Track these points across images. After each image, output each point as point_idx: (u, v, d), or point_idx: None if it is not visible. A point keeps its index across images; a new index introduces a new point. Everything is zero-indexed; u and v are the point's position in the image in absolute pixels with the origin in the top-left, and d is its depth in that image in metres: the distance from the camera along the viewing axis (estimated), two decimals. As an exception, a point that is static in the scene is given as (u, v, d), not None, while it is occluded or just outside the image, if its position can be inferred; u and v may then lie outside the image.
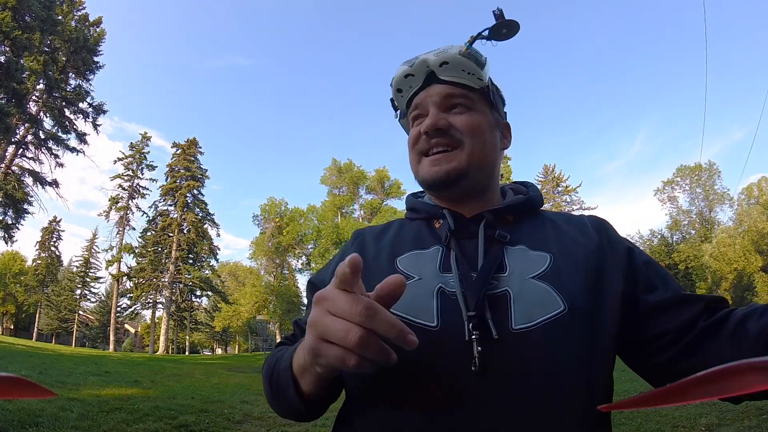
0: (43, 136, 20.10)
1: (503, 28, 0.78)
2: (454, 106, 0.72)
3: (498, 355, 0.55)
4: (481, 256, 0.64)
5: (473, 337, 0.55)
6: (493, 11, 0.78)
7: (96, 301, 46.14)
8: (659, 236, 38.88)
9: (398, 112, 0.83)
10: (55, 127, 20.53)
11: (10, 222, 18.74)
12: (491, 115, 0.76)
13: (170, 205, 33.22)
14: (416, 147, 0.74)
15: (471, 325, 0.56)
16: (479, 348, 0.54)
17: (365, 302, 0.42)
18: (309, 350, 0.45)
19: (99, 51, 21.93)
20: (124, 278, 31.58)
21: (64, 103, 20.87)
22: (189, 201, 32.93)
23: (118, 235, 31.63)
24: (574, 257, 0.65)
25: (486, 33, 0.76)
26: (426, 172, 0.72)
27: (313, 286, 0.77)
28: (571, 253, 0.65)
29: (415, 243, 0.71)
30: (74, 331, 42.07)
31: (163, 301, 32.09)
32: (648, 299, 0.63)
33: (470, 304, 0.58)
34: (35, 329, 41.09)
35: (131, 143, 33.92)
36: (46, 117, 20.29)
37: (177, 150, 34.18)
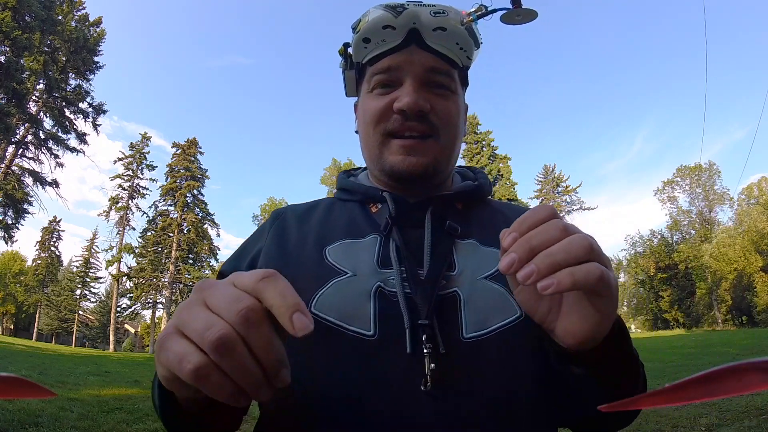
0: (43, 136, 20.08)
1: (517, 15, 0.68)
2: (434, 84, 0.61)
3: (447, 370, 0.47)
4: (427, 249, 0.55)
5: (426, 352, 0.46)
6: None
7: (96, 301, 46.14)
8: (659, 236, 38.90)
9: (348, 61, 0.67)
10: (55, 127, 20.51)
11: (10, 222, 18.73)
12: (463, 99, 0.67)
13: (170, 205, 33.18)
14: (383, 125, 0.60)
15: (425, 336, 0.47)
16: (432, 365, 0.46)
17: (251, 303, 0.31)
18: (158, 341, 0.33)
19: (99, 51, 21.91)
20: (124, 278, 31.53)
21: (64, 103, 20.85)
22: (189, 201, 32.89)
23: (118, 235, 31.61)
24: None
25: (498, 12, 0.64)
26: (399, 162, 0.60)
27: (222, 277, 0.66)
28: None
29: (348, 230, 0.60)
30: (74, 331, 42.06)
31: (163, 301, 32.07)
32: None
33: (422, 309, 0.49)
34: (35, 329, 41.08)
35: (131, 143, 33.95)
36: (46, 117, 20.28)
37: (177, 150, 34.15)
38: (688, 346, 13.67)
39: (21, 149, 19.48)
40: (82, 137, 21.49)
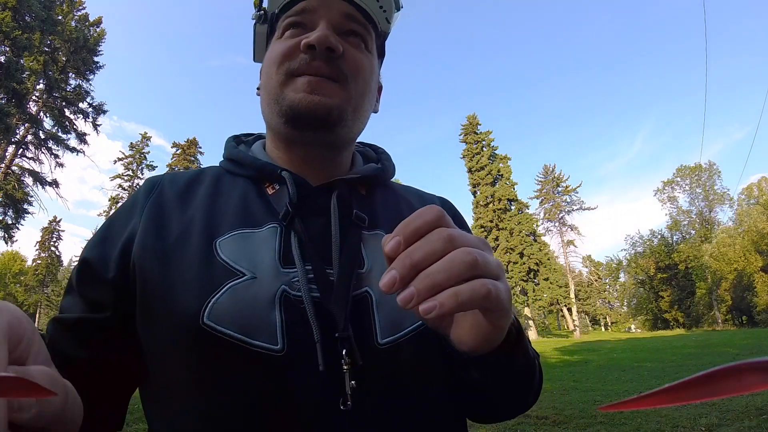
0: (43, 136, 20.08)
1: None
2: (349, 32, 0.57)
3: (366, 384, 0.43)
4: (336, 244, 0.50)
5: (345, 368, 0.42)
6: None
7: (96, 301, 46.09)
8: (659, 236, 38.91)
9: (260, 13, 0.62)
10: (55, 127, 20.50)
11: (10, 222, 18.73)
12: (378, 67, 0.63)
13: (170, 205, 33.24)
14: (287, 64, 0.54)
15: (344, 351, 0.43)
16: (353, 382, 0.42)
17: None
18: None
19: (99, 51, 21.90)
20: (124, 278, 31.58)
21: (64, 103, 20.84)
22: (189, 201, 32.96)
23: (118, 235, 31.65)
24: None
25: None
26: (300, 98, 0.52)
27: (87, 267, 0.50)
28: None
29: (241, 216, 0.52)
30: (74, 331, 42.04)
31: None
32: None
33: (338, 318, 0.44)
34: (35, 329, 40.99)
35: (131, 143, 33.95)
36: (46, 117, 20.27)
37: (177, 150, 34.17)
38: (688, 346, 13.67)
39: (21, 149, 19.48)
40: (82, 137, 21.48)
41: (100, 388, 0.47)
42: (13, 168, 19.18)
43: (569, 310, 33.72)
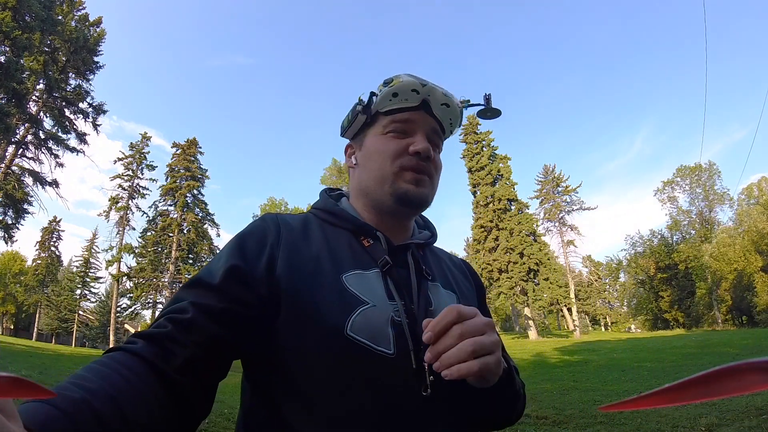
0: (43, 136, 20.06)
1: (488, 112, 0.99)
2: (432, 141, 0.80)
3: (436, 379, 0.63)
4: (415, 290, 0.72)
5: (426, 366, 0.62)
6: (484, 95, 0.98)
7: (96, 301, 46.07)
8: (659, 236, 38.90)
9: (366, 107, 0.80)
10: (55, 127, 20.49)
11: (10, 222, 18.71)
12: None
13: (170, 205, 33.11)
14: (399, 160, 0.77)
15: (426, 356, 0.62)
16: (431, 377, 0.63)
17: None
18: None
19: (99, 51, 21.88)
20: (124, 278, 31.50)
21: (64, 103, 20.83)
22: (189, 201, 32.83)
23: (118, 235, 31.56)
24: (467, 299, 0.82)
25: (475, 108, 0.94)
26: (411, 189, 0.76)
27: (237, 272, 0.63)
28: (465, 295, 0.83)
29: (353, 259, 0.72)
30: (74, 331, 42.02)
31: (163, 301, 32.02)
32: None
33: (422, 336, 0.64)
34: (35, 329, 41.08)
35: (131, 143, 33.88)
36: (46, 117, 20.25)
37: (177, 150, 34.14)
38: (688, 346, 13.66)
39: (21, 149, 19.46)
40: (82, 137, 21.47)
41: (221, 369, 0.61)
42: (13, 168, 19.16)
43: (569, 310, 33.69)
